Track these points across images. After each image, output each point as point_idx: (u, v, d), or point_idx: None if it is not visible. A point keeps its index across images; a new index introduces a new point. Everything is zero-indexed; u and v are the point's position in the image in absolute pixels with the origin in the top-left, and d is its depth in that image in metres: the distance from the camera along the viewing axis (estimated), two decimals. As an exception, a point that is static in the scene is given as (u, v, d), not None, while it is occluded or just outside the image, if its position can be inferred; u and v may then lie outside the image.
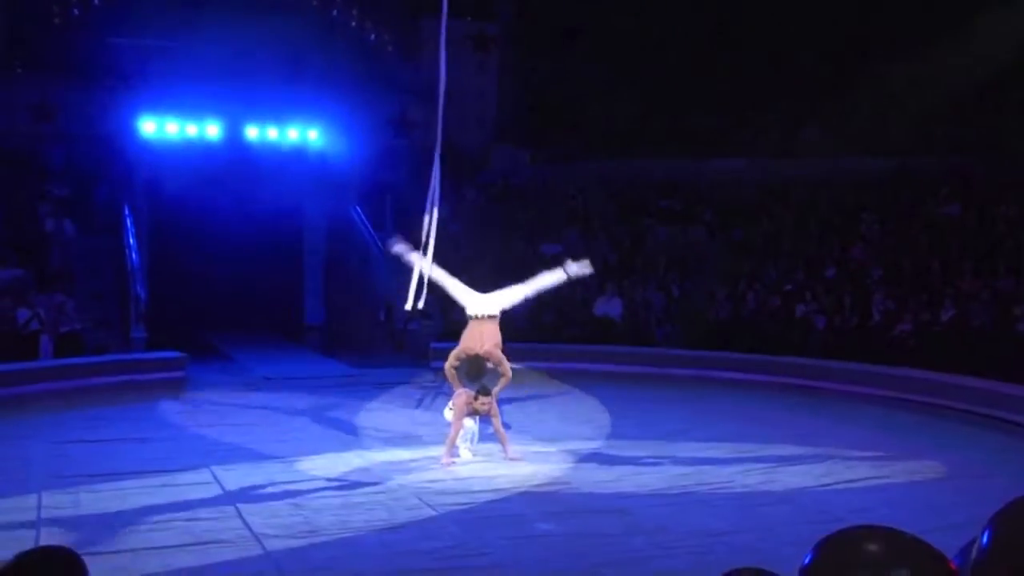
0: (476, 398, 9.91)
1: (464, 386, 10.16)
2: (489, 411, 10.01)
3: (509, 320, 17.90)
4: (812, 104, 20.86)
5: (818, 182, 20.27)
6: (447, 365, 10.43)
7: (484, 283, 18.41)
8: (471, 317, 10.65)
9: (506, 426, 10.79)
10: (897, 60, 19.44)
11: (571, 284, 18.59)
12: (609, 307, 17.51)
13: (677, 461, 10.14)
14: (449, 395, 10.67)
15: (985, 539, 1.97)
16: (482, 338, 10.47)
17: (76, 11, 20.69)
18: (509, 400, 13.94)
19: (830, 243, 18.52)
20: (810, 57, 20.97)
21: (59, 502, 8.38)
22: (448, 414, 10.24)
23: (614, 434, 11.74)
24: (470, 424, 10.26)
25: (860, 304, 16.11)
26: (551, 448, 10.84)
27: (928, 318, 15.22)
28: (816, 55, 20.91)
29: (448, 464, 9.88)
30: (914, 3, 19.84)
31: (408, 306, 10.56)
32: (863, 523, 2.11)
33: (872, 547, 1.97)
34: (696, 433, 11.64)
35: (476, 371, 10.27)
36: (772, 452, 10.63)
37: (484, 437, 10.54)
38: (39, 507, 8.21)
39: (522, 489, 9.11)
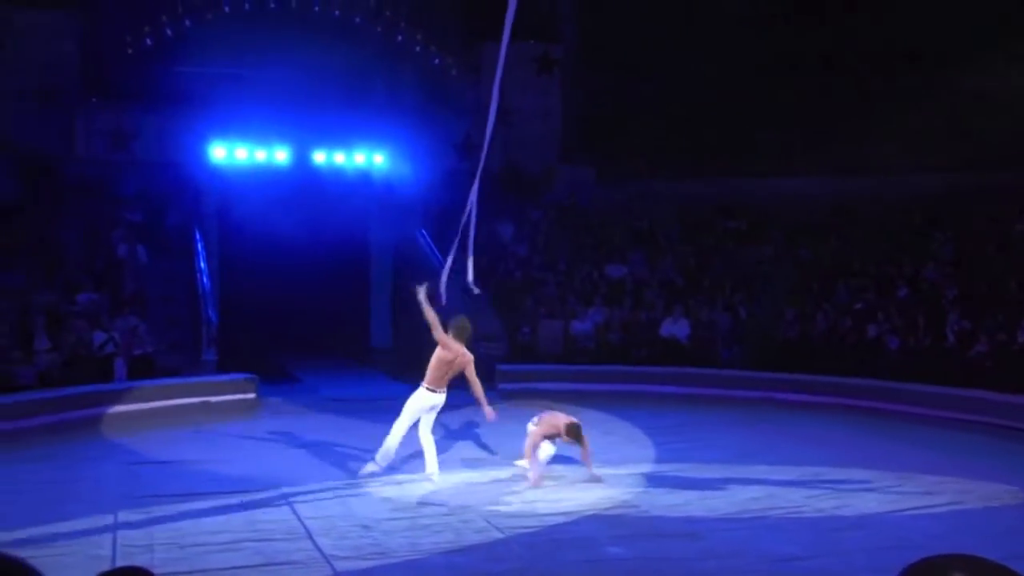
0: (566, 431, 9.87)
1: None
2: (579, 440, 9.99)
3: (575, 340, 17.86)
4: (881, 120, 20.55)
5: (889, 199, 19.94)
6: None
7: (551, 303, 18.43)
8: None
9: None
10: (971, 73, 19.08)
11: (635, 305, 18.58)
12: (676, 328, 17.38)
13: (747, 484, 10.01)
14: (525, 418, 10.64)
15: None
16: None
17: (149, 41, 21.19)
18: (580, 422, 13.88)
19: (901, 262, 18.19)
20: (878, 72, 20.68)
21: (133, 523, 8.51)
22: (531, 428, 10.24)
23: (682, 457, 11.61)
24: (549, 448, 10.21)
25: (934, 325, 15.79)
26: (618, 471, 10.76)
27: (1004, 339, 14.85)
28: (885, 69, 20.61)
29: (538, 483, 9.86)
30: (990, 15, 19.47)
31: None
32: (942, 550, 2.06)
33: None
34: (765, 456, 11.48)
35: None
36: (844, 476, 10.44)
37: (552, 459, 10.49)
38: (115, 528, 8.35)
39: (591, 512, 9.05)
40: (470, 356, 10.53)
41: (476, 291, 10.85)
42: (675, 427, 13.42)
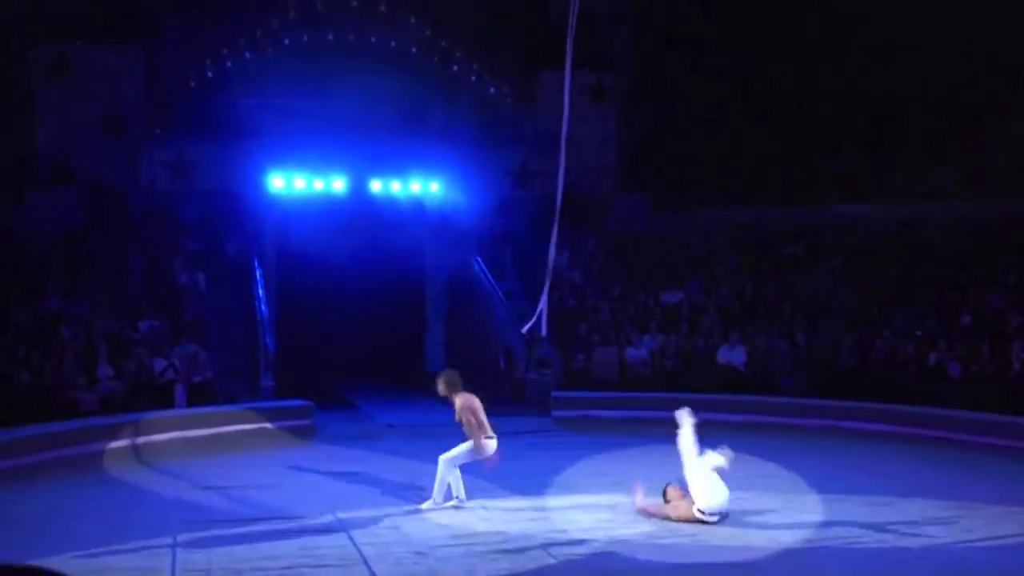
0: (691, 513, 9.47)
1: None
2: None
3: (630, 367, 17.75)
4: (941, 146, 20.29)
5: (948, 225, 19.62)
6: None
7: (605, 330, 18.35)
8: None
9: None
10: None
11: (691, 332, 18.42)
12: (732, 355, 17.20)
13: (807, 514, 9.84)
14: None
15: None
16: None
17: (210, 74, 21.62)
18: (631, 446, 13.81)
19: (966, 288, 17.84)
20: (937, 98, 20.43)
21: (191, 547, 8.59)
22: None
23: (741, 486, 11.44)
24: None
25: (998, 352, 15.46)
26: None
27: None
28: (943, 96, 20.35)
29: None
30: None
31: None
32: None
33: None
34: (828, 485, 11.26)
35: None
36: (906, 506, 10.23)
37: (603, 486, 10.40)
38: (174, 552, 8.43)
39: (647, 541, 8.95)
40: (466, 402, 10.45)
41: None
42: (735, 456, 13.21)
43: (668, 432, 10.55)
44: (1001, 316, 16.59)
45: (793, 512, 9.91)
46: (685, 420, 10.04)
